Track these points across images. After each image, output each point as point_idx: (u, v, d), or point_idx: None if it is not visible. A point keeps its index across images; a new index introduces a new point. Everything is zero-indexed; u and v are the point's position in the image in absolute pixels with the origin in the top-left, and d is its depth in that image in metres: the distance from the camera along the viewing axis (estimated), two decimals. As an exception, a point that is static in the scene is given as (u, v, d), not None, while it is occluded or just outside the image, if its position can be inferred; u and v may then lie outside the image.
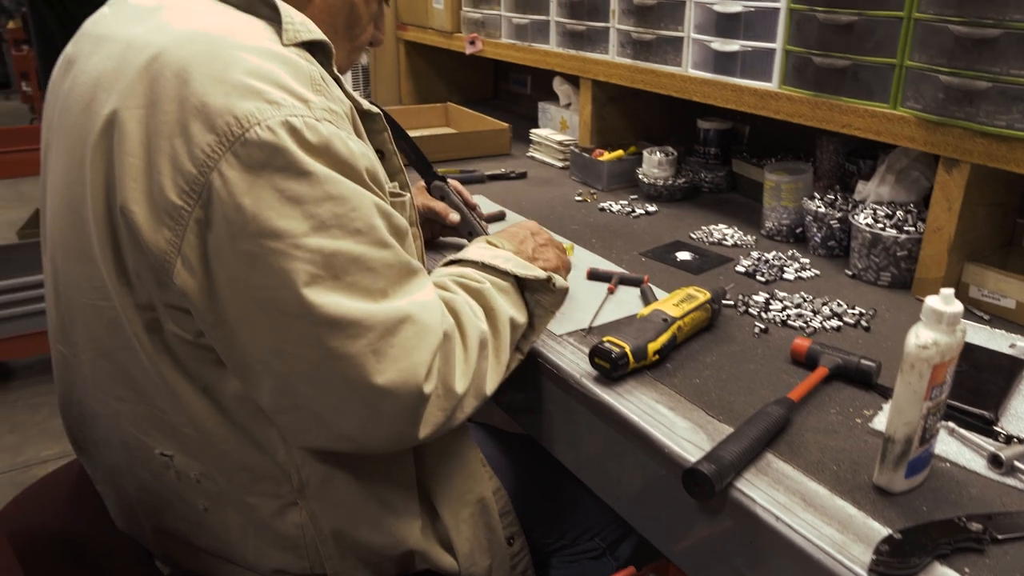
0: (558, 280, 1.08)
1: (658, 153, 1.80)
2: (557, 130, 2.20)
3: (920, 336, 0.81)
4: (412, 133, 2.37)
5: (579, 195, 1.84)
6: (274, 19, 0.89)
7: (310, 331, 0.78)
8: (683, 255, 1.50)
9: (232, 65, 0.79)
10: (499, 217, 1.67)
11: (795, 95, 1.45)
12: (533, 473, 1.35)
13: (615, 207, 1.75)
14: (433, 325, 0.86)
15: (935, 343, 0.80)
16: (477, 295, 0.99)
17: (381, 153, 1.01)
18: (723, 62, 1.58)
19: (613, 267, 1.43)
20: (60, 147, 0.90)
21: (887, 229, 1.36)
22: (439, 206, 1.45)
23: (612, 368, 1.05)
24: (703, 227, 1.64)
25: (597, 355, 1.06)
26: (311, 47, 0.89)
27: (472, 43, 2.33)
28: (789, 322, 1.24)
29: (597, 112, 1.99)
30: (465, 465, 1.06)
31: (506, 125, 2.19)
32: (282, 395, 0.82)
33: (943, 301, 0.81)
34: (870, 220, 1.38)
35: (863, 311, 1.27)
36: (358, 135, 0.91)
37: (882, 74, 1.31)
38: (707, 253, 1.51)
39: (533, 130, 2.18)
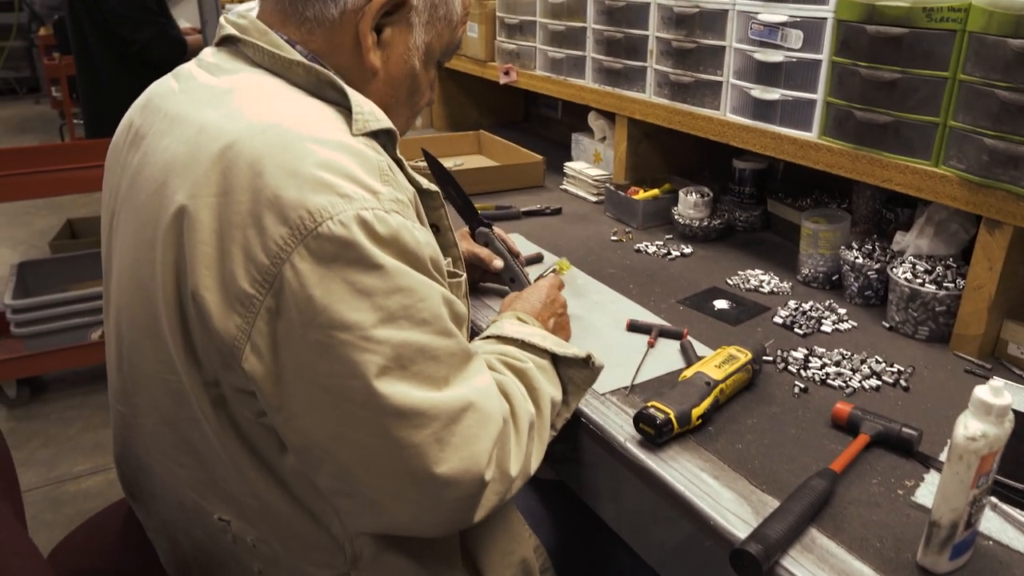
0: (597, 359, 1.10)
1: (694, 194, 1.81)
2: (590, 162, 2.22)
3: (969, 427, 0.82)
4: (446, 162, 2.40)
5: (614, 234, 1.85)
6: (344, 106, 0.91)
7: (376, 420, 0.80)
8: (720, 303, 1.51)
9: (304, 158, 0.81)
10: (537, 259, 1.68)
11: (835, 147, 1.46)
12: (569, 523, 1.36)
13: (651, 248, 1.76)
14: (493, 412, 0.88)
15: (984, 435, 0.81)
16: (522, 375, 1.02)
17: (437, 228, 1.03)
18: (762, 109, 1.59)
19: (652, 317, 1.45)
20: (129, 221, 0.93)
21: (926, 285, 1.36)
22: (483, 252, 1.47)
23: (657, 434, 1.06)
24: (739, 272, 1.65)
25: (642, 421, 1.08)
26: (377, 134, 0.91)
27: (507, 73, 2.35)
28: (829, 381, 1.25)
29: (632, 148, 2.01)
30: (508, 527, 1.09)
31: (540, 158, 2.21)
32: (340, 479, 0.84)
33: (992, 393, 0.82)
34: (909, 275, 1.39)
35: (901, 369, 1.28)
36: (420, 220, 0.94)
37: (925, 132, 1.31)
38: (744, 301, 1.52)
39: (567, 163, 2.19)
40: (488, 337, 1.11)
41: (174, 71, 1.02)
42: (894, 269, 1.42)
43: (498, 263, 1.47)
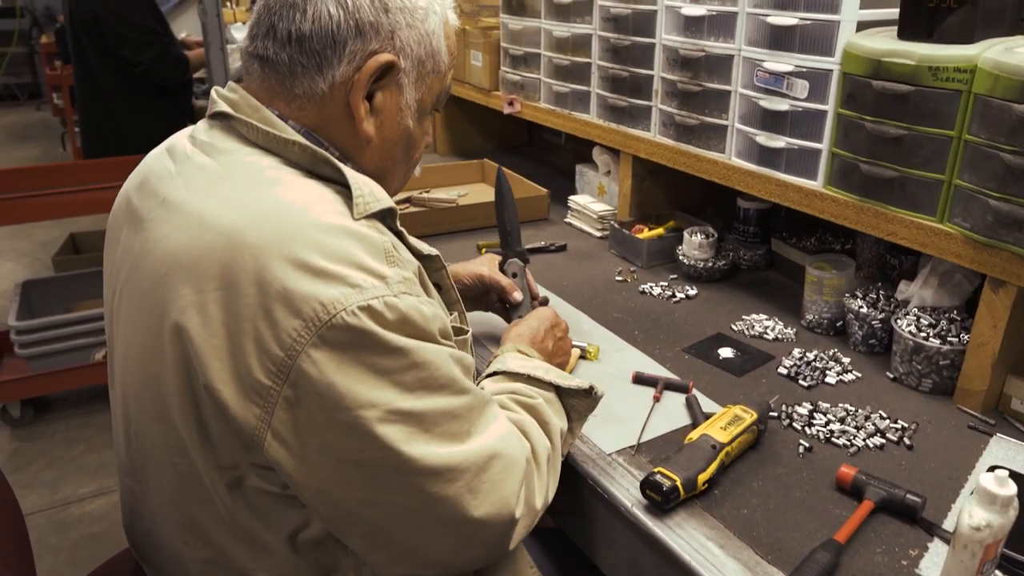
0: (599, 389, 1.15)
1: (698, 235, 1.81)
2: (595, 195, 2.22)
3: (973, 516, 0.82)
4: (449, 190, 2.41)
5: (619, 274, 1.86)
6: (342, 185, 0.91)
7: (409, 482, 0.84)
8: (725, 352, 1.52)
9: (309, 248, 0.82)
10: (542, 302, 1.68)
11: (840, 197, 1.46)
12: (567, 571, 1.38)
13: (655, 290, 1.77)
14: (516, 456, 0.94)
15: (988, 525, 0.82)
16: (534, 411, 1.07)
17: (439, 287, 1.05)
18: (768, 155, 1.59)
19: (658, 367, 1.45)
20: (132, 307, 0.93)
21: (930, 339, 1.37)
22: (506, 282, 1.49)
23: (663, 501, 1.07)
24: (744, 316, 1.65)
25: (649, 487, 1.09)
26: (379, 214, 0.92)
27: (511, 104, 2.35)
28: (833, 439, 1.25)
29: (637, 185, 2.01)
30: (513, 565, 1.12)
31: (544, 191, 2.22)
32: (374, 537, 0.88)
33: (997, 483, 0.82)
34: (913, 328, 1.39)
35: (905, 425, 1.29)
36: (426, 289, 0.95)
37: (930, 188, 1.32)
38: (748, 350, 1.53)
39: (572, 197, 2.20)
40: (495, 374, 1.15)
41: (168, 144, 1.03)
42: (898, 321, 1.42)
43: (518, 296, 1.48)
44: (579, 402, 1.14)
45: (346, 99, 0.96)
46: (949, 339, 1.36)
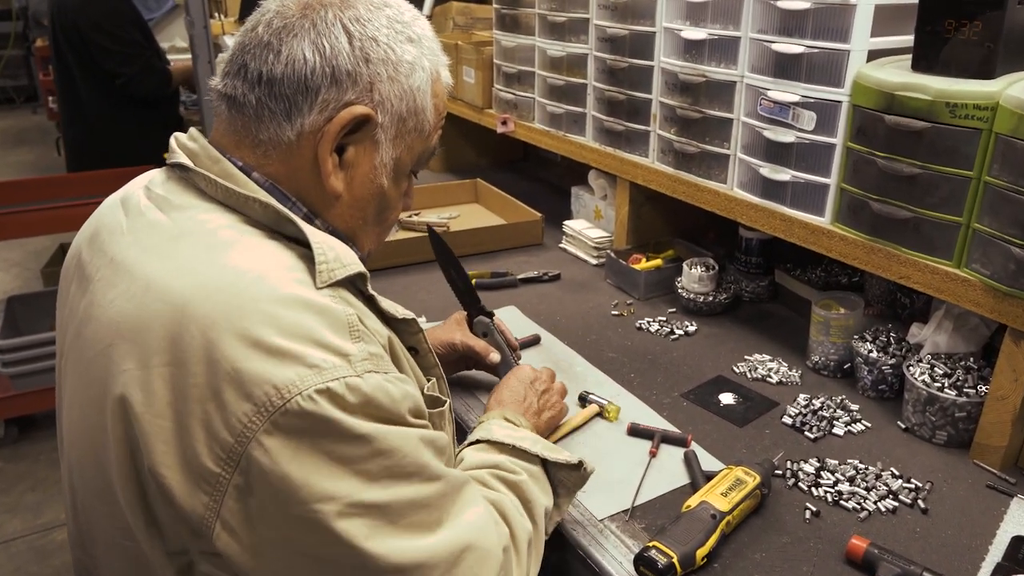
0: (588, 465, 1.08)
1: (698, 267, 1.73)
2: (591, 219, 2.14)
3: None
4: (441, 211, 2.32)
5: (615, 308, 1.77)
6: (307, 247, 0.83)
7: None
8: (726, 398, 1.43)
9: (263, 323, 0.75)
10: (534, 342, 1.60)
11: (849, 236, 1.38)
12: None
13: (653, 325, 1.68)
14: (492, 548, 0.86)
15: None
16: (516, 488, 1.00)
17: (416, 351, 0.98)
18: (772, 188, 1.51)
19: (654, 416, 1.37)
20: (77, 375, 0.86)
21: (945, 389, 1.28)
22: (480, 345, 1.41)
23: (658, 581, 0.99)
24: (746, 356, 1.57)
25: (643, 564, 1.01)
26: (345, 282, 0.84)
27: (504, 123, 2.27)
28: (842, 502, 1.17)
29: (635, 212, 1.93)
30: None
31: (538, 216, 2.13)
32: None
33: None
34: (927, 377, 1.31)
35: (919, 485, 1.20)
36: (396, 360, 0.88)
37: (946, 231, 1.23)
38: (751, 395, 1.44)
39: (567, 223, 2.11)
40: (478, 442, 1.08)
41: (123, 194, 0.94)
42: (911, 368, 1.34)
43: (495, 357, 1.40)
44: (567, 476, 1.06)
45: (314, 150, 0.88)
46: (966, 390, 1.27)
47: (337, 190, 0.89)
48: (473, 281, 1.85)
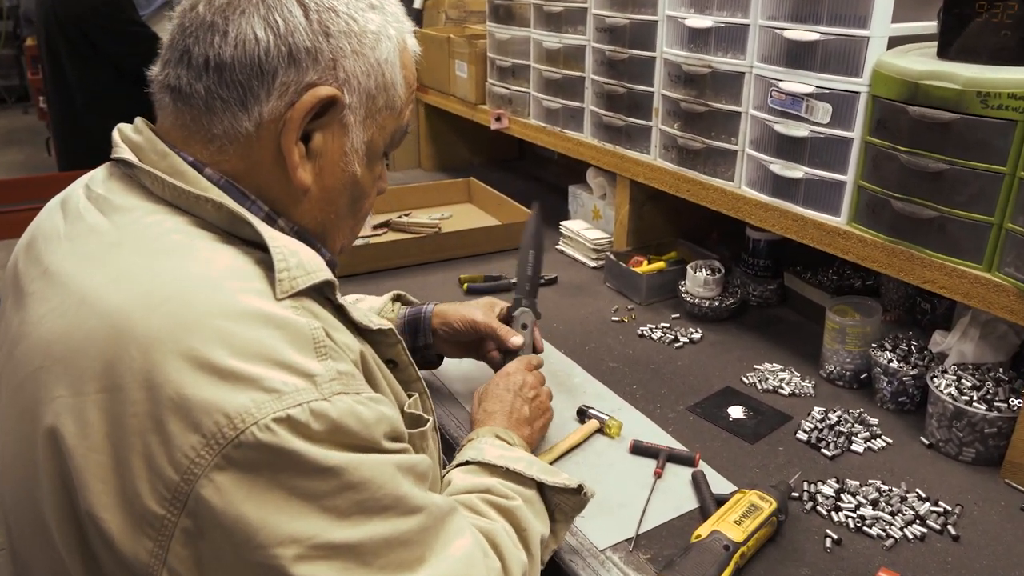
0: (589, 489, 0.98)
1: (704, 270, 1.63)
2: (589, 219, 2.04)
3: None
4: (433, 212, 2.22)
5: (616, 313, 1.67)
6: (263, 252, 0.73)
7: None
8: (736, 411, 1.33)
9: (214, 341, 0.65)
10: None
11: (868, 237, 1.28)
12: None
13: (656, 332, 1.58)
14: None
15: None
16: (509, 515, 0.91)
17: (394, 363, 0.88)
18: (783, 186, 1.41)
19: (659, 432, 1.27)
20: (8, 399, 0.75)
21: (974, 403, 1.18)
22: (503, 329, 1.30)
23: (666, 623, 0.89)
24: (755, 366, 1.47)
25: (648, 604, 0.90)
26: (310, 291, 0.74)
27: (498, 119, 2.17)
28: (865, 528, 1.07)
29: (635, 212, 1.83)
30: None
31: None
32: None
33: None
34: (953, 390, 1.21)
35: (948, 508, 1.11)
36: (370, 377, 0.79)
37: (976, 232, 1.13)
38: (762, 408, 1.34)
39: (564, 223, 2.01)
40: (468, 463, 0.98)
41: (64, 195, 0.84)
42: (935, 379, 1.24)
43: (517, 340, 1.29)
44: (566, 500, 0.97)
45: (276, 141, 0.77)
46: (996, 404, 1.18)
47: (306, 183, 0.79)
48: (464, 286, 1.76)
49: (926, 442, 1.26)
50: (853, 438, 1.26)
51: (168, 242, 0.72)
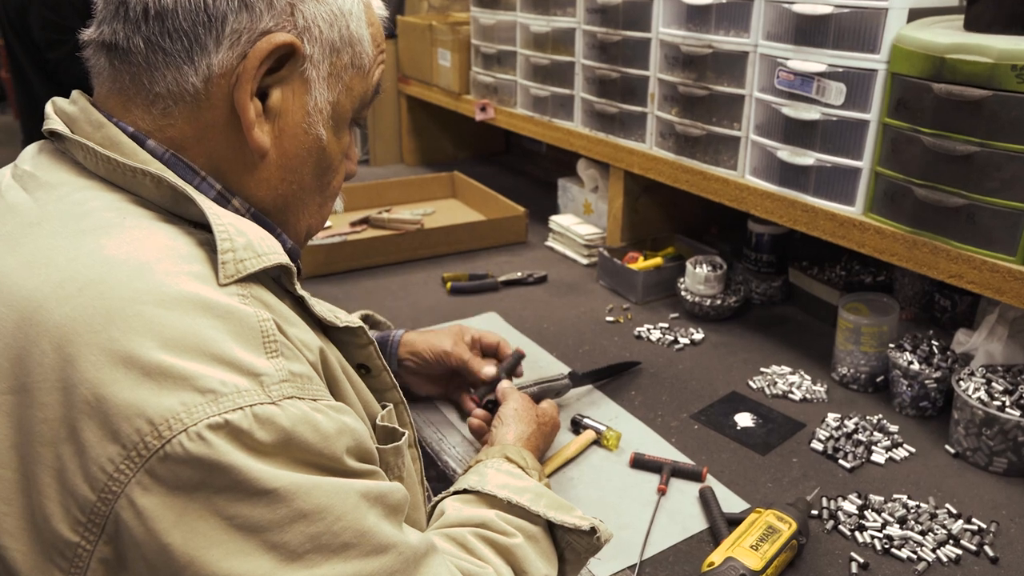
0: (604, 532, 0.84)
1: (704, 267, 1.52)
2: (579, 214, 1.93)
3: None
4: (415, 208, 2.11)
5: (610, 313, 1.56)
6: (208, 233, 0.62)
7: None
8: (744, 419, 1.22)
9: (141, 333, 0.54)
10: (519, 357, 1.35)
11: (886, 228, 1.17)
12: None
13: (654, 333, 1.47)
14: None
15: None
16: (508, 555, 0.79)
17: (367, 368, 0.77)
18: (791, 174, 1.30)
19: (661, 443, 1.16)
20: None
21: (1007, 409, 1.08)
22: (475, 362, 1.19)
23: (679, 668, 0.77)
24: (762, 369, 1.36)
25: (658, 645, 0.79)
26: (262, 276, 0.63)
27: (483, 110, 2.05)
28: (894, 550, 0.96)
29: (629, 205, 1.72)
30: None
31: (522, 211, 1.91)
32: None
33: None
34: (983, 395, 1.11)
35: (983, 526, 1.00)
36: (332, 383, 0.67)
37: (1009, 221, 1.03)
38: (772, 415, 1.23)
39: (553, 218, 1.90)
40: (465, 492, 0.85)
41: None
42: (961, 383, 1.14)
43: (489, 371, 1.18)
44: (578, 540, 0.85)
45: (229, 99, 0.66)
46: (1031, 409, 1.07)
47: (263, 145, 0.68)
48: (448, 285, 1.65)
49: (952, 451, 1.15)
50: (873, 447, 1.15)
51: (94, 221, 0.61)
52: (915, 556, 0.96)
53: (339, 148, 0.76)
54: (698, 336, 1.47)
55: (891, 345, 1.26)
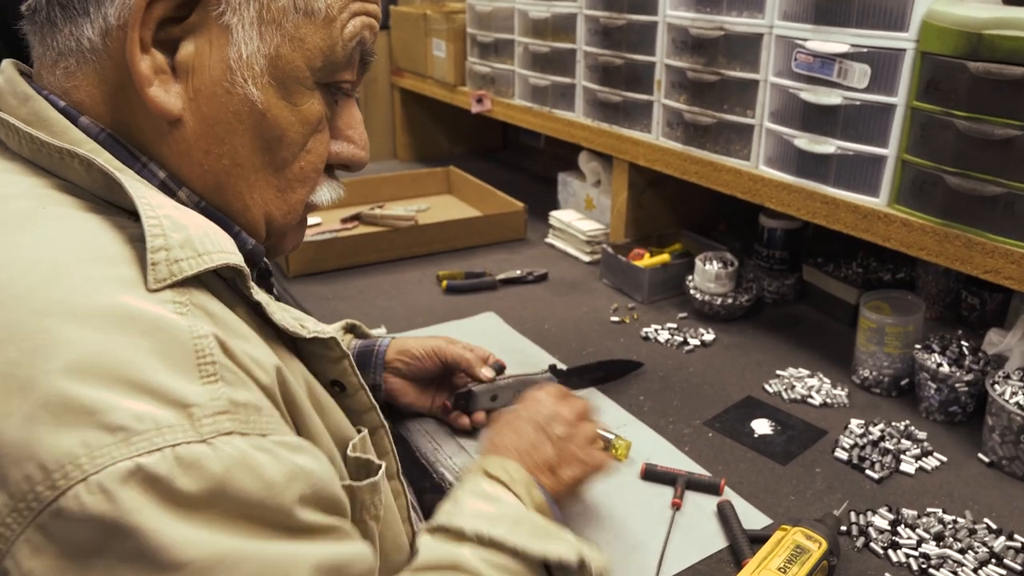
0: (595, 563, 0.72)
1: (714, 263, 1.44)
2: (581, 209, 1.84)
3: None
4: (409, 204, 2.02)
5: (615, 313, 1.47)
6: (135, 225, 0.53)
7: None
8: (761, 426, 1.14)
9: (42, 354, 0.45)
10: (501, 368, 1.24)
11: (914, 220, 1.09)
12: None
13: (662, 334, 1.39)
14: None
15: None
16: None
17: (341, 385, 0.67)
18: (810, 164, 1.22)
19: (674, 453, 1.07)
20: None
21: (1048, 414, 1.00)
22: (472, 357, 1.10)
23: None
24: (778, 372, 1.27)
25: None
26: (205, 278, 0.54)
27: (479, 102, 1.97)
28: (932, 570, 0.88)
29: (634, 199, 1.63)
30: None
31: (521, 206, 1.83)
32: None
33: None
34: (1021, 399, 1.02)
35: (1026, 541, 0.92)
36: (291, 407, 0.57)
37: (1052, 211, 0.95)
38: (791, 422, 1.15)
39: (553, 213, 1.81)
40: (438, 529, 0.72)
41: None
42: (996, 386, 1.05)
43: (488, 372, 1.10)
44: (565, 573, 0.72)
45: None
46: (1074, 415, 0.99)
47: (166, 107, 0.58)
48: (444, 283, 1.57)
49: (986, 460, 1.07)
50: (901, 456, 1.07)
51: (11, 211, 0.52)
52: (955, 577, 0.87)
53: (295, 118, 0.63)
54: (709, 337, 1.38)
55: (917, 346, 1.18)
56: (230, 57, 0.59)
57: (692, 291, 1.46)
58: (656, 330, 1.40)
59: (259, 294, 0.58)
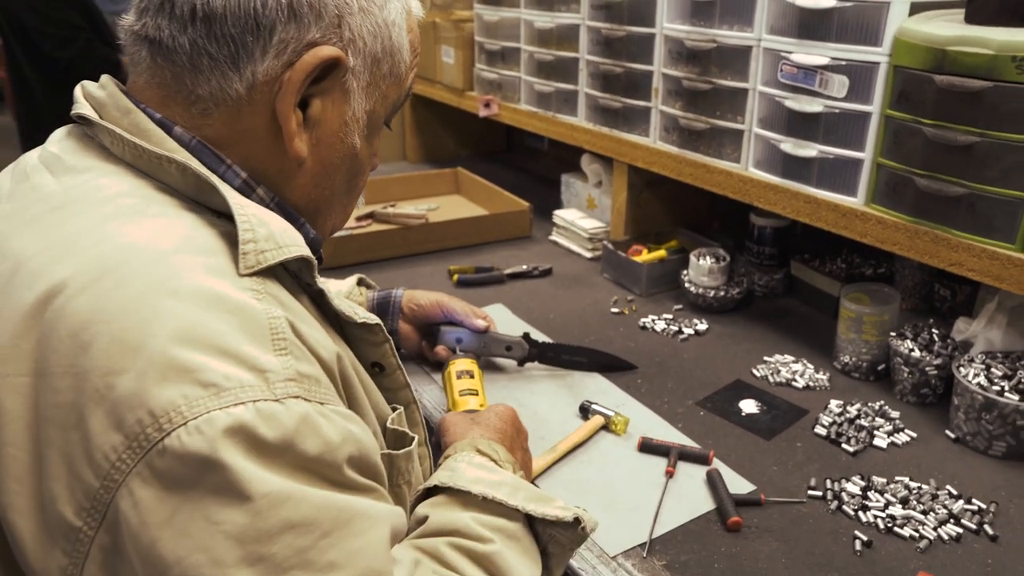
0: (589, 522, 0.80)
1: (708, 258, 1.54)
2: (583, 209, 1.95)
3: None
4: (418, 204, 2.13)
5: (615, 305, 1.58)
6: (231, 223, 0.64)
7: None
8: (748, 405, 1.25)
9: (151, 323, 0.55)
10: (520, 344, 1.37)
11: (888, 218, 1.20)
12: None
13: (659, 324, 1.49)
14: None
15: None
16: (486, 562, 0.73)
17: (381, 367, 0.78)
18: (795, 166, 1.33)
19: (668, 429, 1.18)
20: None
21: (1006, 393, 1.10)
22: (468, 307, 1.31)
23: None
24: (766, 358, 1.38)
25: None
26: (279, 269, 0.65)
27: (487, 106, 2.08)
28: (896, 528, 0.99)
29: (633, 199, 1.74)
30: None
31: (526, 205, 1.94)
32: None
33: None
34: (983, 379, 1.13)
35: (983, 506, 1.03)
36: (343, 387, 0.67)
37: (1008, 209, 1.06)
38: (776, 402, 1.26)
39: (557, 212, 1.92)
40: (434, 490, 0.80)
41: (18, 160, 0.75)
42: (961, 369, 1.16)
43: (480, 323, 1.30)
44: (561, 532, 0.79)
45: (271, 106, 0.67)
46: (1030, 394, 1.10)
47: (301, 154, 0.70)
48: (455, 277, 1.67)
49: (952, 436, 1.18)
50: (875, 432, 1.17)
51: (117, 207, 0.63)
52: (917, 534, 0.98)
53: (369, 153, 0.78)
54: (702, 327, 1.49)
55: (892, 334, 1.28)
56: (346, 114, 0.72)
57: (687, 284, 1.57)
58: (653, 320, 1.51)
59: (323, 283, 0.69)
